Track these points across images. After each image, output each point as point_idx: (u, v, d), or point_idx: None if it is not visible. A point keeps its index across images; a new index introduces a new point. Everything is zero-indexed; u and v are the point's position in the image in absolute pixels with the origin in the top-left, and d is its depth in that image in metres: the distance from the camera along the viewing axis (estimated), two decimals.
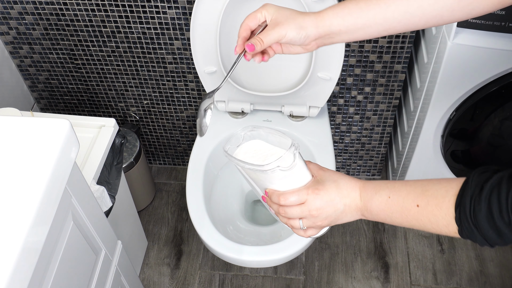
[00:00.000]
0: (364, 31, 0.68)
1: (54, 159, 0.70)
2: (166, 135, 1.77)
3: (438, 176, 1.47)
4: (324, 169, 0.71)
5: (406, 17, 0.65)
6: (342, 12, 0.68)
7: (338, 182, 0.69)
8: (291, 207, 0.69)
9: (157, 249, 1.69)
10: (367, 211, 0.68)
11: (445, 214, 0.59)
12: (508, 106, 1.24)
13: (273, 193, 0.70)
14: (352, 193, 0.68)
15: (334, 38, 0.71)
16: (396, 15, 0.65)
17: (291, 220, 0.70)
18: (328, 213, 0.68)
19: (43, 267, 0.73)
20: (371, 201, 0.67)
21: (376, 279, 1.60)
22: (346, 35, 0.70)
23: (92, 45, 1.45)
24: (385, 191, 0.66)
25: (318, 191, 0.68)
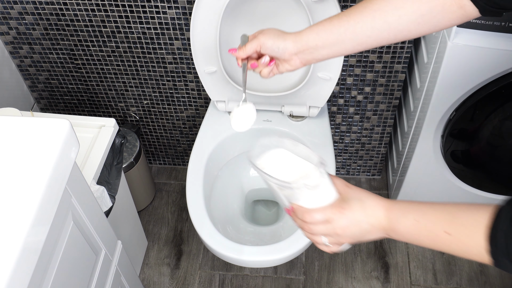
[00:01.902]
0: (339, 46, 0.73)
1: (54, 159, 0.70)
2: (166, 135, 1.77)
3: (439, 176, 1.48)
4: (350, 186, 0.71)
5: (375, 32, 0.70)
6: (317, 29, 0.74)
7: (363, 201, 0.68)
8: (316, 224, 0.69)
9: (157, 249, 1.69)
10: (393, 231, 0.67)
11: (476, 245, 0.59)
12: (508, 106, 1.24)
13: (298, 209, 0.70)
14: (377, 212, 0.68)
15: (314, 53, 0.76)
16: (365, 30, 0.70)
17: (315, 236, 0.70)
18: (353, 232, 0.68)
19: (43, 267, 0.73)
20: (398, 222, 0.66)
21: (376, 279, 1.60)
22: (324, 50, 0.75)
23: (92, 45, 1.45)
24: (412, 214, 0.65)
25: (344, 209, 0.68)
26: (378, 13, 0.69)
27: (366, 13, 0.70)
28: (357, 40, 0.72)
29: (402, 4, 0.67)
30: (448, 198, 1.57)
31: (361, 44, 0.72)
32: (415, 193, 1.60)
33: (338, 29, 0.72)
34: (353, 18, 0.71)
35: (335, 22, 0.73)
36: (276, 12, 1.18)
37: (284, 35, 0.79)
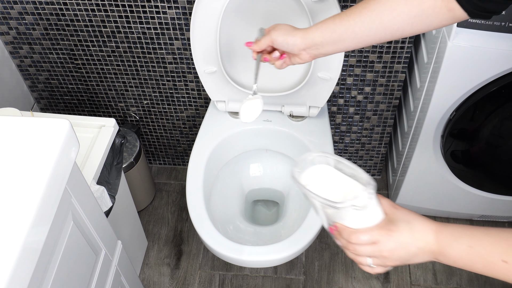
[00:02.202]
0: (342, 43, 0.80)
1: (54, 159, 0.70)
2: (166, 135, 1.77)
3: (439, 176, 1.48)
4: (397, 207, 0.70)
5: (372, 31, 0.76)
6: (322, 27, 0.81)
7: (411, 224, 0.67)
8: (362, 245, 0.68)
9: (157, 249, 1.69)
10: (442, 256, 0.66)
11: None
12: (508, 106, 1.24)
13: (344, 230, 0.68)
14: (426, 236, 0.66)
15: (320, 49, 0.83)
16: (363, 29, 0.76)
17: (359, 257, 0.69)
18: (400, 255, 0.67)
19: (43, 267, 0.73)
20: (449, 248, 0.65)
21: (376, 279, 1.60)
22: (329, 46, 0.82)
23: (92, 45, 1.46)
24: (466, 239, 0.64)
25: (391, 232, 0.66)
26: (375, 14, 0.73)
27: (364, 14, 0.75)
28: (357, 38, 0.78)
29: (396, 6, 0.71)
30: (448, 198, 1.57)
31: (361, 42, 0.78)
32: (415, 193, 1.60)
33: (340, 28, 0.78)
34: (353, 18, 0.76)
35: (337, 22, 0.78)
36: (276, 12, 1.18)
37: (294, 32, 0.85)
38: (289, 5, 1.16)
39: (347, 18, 0.77)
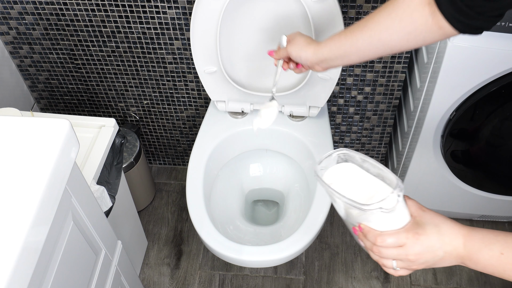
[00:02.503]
0: (348, 57, 0.87)
1: (54, 159, 0.70)
2: (166, 135, 1.77)
3: (439, 176, 1.48)
4: (424, 209, 0.69)
5: (373, 47, 0.82)
6: (330, 43, 0.89)
7: (440, 227, 0.66)
8: (387, 248, 0.67)
9: (157, 249, 1.69)
10: (471, 261, 0.65)
11: None
12: (508, 106, 1.24)
13: (369, 232, 0.67)
14: (454, 240, 0.65)
15: (330, 62, 0.91)
16: (365, 45, 0.82)
17: (384, 259, 0.68)
18: (426, 259, 0.66)
19: (43, 267, 0.73)
20: (479, 253, 0.64)
21: (376, 279, 1.60)
22: (338, 60, 0.89)
23: (92, 45, 1.46)
24: (497, 245, 0.63)
25: (419, 235, 0.65)
26: (373, 31, 0.80)
27: (364, 31, 0.81)
28: (360, 53, 0.84)
29: (391, 25, 0.77)
30: (448, 198, 1.57)
31: (365, 56, 0.85)
32: (415, 193, 1.60)
33: (345, 43, 0.85)
34: (355, 35, 0.83)
35: (342, 38, 0.86)
36: (276, 12, 1.18)
37: (307, 47, 0.94)
38: (289, 5, 1.16)
39: (351, 35, 0.84)
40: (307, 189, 1.36)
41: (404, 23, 0.75)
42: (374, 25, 0.80)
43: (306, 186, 1.37)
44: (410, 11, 0.74)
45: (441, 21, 0.71)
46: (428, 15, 0.72)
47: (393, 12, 0.76)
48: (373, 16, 0.80)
